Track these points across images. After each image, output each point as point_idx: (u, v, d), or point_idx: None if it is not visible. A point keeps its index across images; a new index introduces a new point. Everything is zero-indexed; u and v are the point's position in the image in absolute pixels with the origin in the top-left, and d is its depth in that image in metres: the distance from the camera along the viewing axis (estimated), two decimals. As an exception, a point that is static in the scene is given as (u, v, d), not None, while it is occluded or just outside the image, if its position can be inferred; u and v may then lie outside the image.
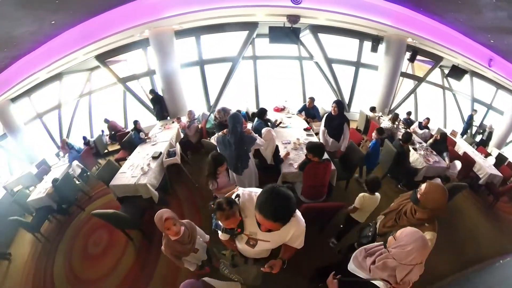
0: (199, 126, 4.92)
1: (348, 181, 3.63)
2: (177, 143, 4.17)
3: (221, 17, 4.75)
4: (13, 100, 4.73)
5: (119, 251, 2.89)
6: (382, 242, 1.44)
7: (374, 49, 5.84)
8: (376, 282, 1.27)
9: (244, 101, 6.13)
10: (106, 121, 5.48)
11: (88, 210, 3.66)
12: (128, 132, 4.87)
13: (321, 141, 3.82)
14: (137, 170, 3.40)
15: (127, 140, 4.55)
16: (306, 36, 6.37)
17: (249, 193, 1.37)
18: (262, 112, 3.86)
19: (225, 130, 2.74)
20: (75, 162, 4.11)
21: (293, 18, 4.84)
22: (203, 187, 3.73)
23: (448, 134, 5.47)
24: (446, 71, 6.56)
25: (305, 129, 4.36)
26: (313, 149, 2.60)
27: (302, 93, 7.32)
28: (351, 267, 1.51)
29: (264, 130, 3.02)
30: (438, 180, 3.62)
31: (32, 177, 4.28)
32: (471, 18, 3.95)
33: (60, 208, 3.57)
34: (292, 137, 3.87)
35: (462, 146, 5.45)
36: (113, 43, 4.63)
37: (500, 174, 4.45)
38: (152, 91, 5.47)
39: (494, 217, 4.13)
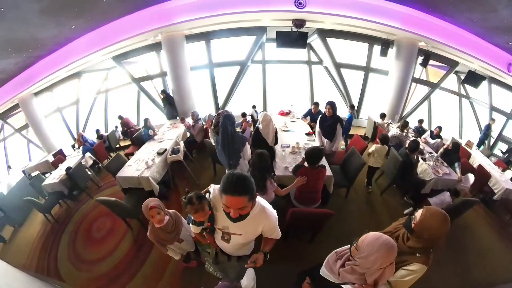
0: (204, 126, 5.09)
1: (348, 189, 3.54)
2: (182, 141, 4.35)
3: (229, 22, 4.96)
4: (36, 94, 5.23)
5: (118, 237, 3.10)
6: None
7: (383, 53, 5.71)
8: (345, 287, 1.26)
9: (252, 108, 6.26)
10: (120, 117, 5.84)
11: (96, 198, 3.94)
12: (139, 129, 5.16)
13: (318, 142, 3.83)
14: (142, 164, 3.61)
15: (137, 136, 4.84)
16: (315, 41, 6.41)
17: (219, 189, 1.41)
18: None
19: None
20: (88, 154, 4.45)
21: (299, 23, 4.91)
22: (203, 185, 3.86)
23: (463, 144, 5.19)
24: (462, 77, 6.14)
25: (307, 134, 4.38)
26: (307, 155, 2.57)
27: (310, 98, 7.32)
28: (323, 271, 1.47)
29: (261, 113, 3.20)
30: (447, 195, 3.45)
31: (48, 164, 4.72)
32: (486, 17, 3.67)
33: (71, 194, 3.90)
34: (292, 141, 3.89)
35: (478, 158, 5.05)
36: (128, 45, 5.02)
37: None
38: (164, 92, 5.78)
39: (510, 237, 3.67)
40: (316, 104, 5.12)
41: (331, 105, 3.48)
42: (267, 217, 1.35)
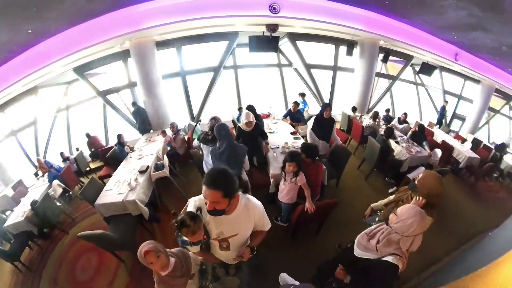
0: (185, 137, 4.85)
1: (338, 179, 3.78)
2: (165, 155, 4.09)
3: (202, 27, 4.83)
4: (-15, 116, 4.43)
5: (109, 275, 2.69)
6: (382, 223, 1.61)
7: (349, 53, 6.16)
8: (386, 258, 1.40)
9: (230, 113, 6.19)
10: (88, 136, 5.25)
11: (73, 233, 3.43)
12: (111, 147, 4.70)
13: (309, 139, 3.95)
14: (124, 186, 3.25)
15: (111, 155, 4.39)
16: (284, 44, 6.60)
17: (200, 198, 1.41)
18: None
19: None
20: (56, 182, 3.87)
21: (272, 27, 5.00)
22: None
23: (426, 126, 5.85)
24: (417, 68, 7.14)
25: (292, 133, 4.45)
26: (307, 150, 2.70)
27: (284, 99, 7.51)
28: (357, 252, 1.60)
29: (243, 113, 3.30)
30: (422, 169, 3.80)
31: (8, 200, 3.94)
32: (436, 18, 4.33)
33: (42, 232, 3.30)
34: (280, 142, 3.92)
35: (440, 135, 5.89)
36: (92, 54, 4.51)
37: (477, 156, 4.88)
38: (134, 104, 5.35)
39: (477, 195, 4.56)
40: (295, 103, 5.25)
41: (331, 107, 3.68)
42: (255, 206, 1.40)
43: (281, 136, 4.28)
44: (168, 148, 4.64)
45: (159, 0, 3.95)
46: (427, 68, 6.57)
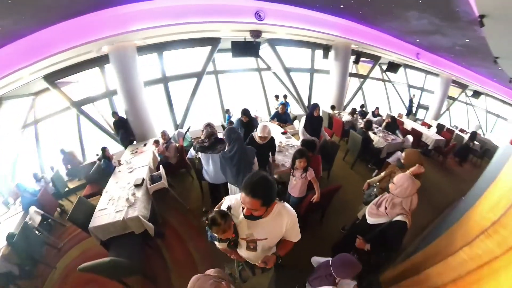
0: (177, 145, 4.68)
1: (329, 171, 4.09)
2: (160, 166, 3.88)
3: (186, 32, 4.72)
4: None
5: None
6: (384, 193, 2.00)
7: (325, 56, 6.64)
8: (396, 218, 1.76)
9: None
10: (63, 152, 4.69)
11: (61, 266, 2.99)
12: (94, 162, 4.30)
13: (301, 137, 4.21)
14: (120, 202, 3.00)
15: (95, 171, 4.02)
16: (263, 49, 6.78)
17: (236, 199, 1.45)
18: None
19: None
20: (32, 209, 3.37)
21: (256, 33, 5.13)
22: (194, 209, 3.57)
23: (396, 116, 6.67)
24: (384, 67, 8.15)
25: (283, 133, 4.62)
26: (308, 144, 3.07)
27: (265, 102, 7.70)
28: (370, 220, 1.95)
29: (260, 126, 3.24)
30: (399, 153, 4.49)
31: None
32: (402, 25, 5.03)
33: (23, 271, 2.81)
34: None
35: (409, 123, 6.75)
36: (66, 60, 4.08)
37: (443, 138, 5.78)
38: (115, 114, 4.95)
39: (446, 171, 5.37)
40: (283, 105, 5.48)
41: (319, 106, 4.04)
42: (289, 213, 1.38)
43: (274, 137, 4.42)
44: (159, 159, 4.42)
45: (147, 2, 3.75)
46: (393, 67, 7.56)
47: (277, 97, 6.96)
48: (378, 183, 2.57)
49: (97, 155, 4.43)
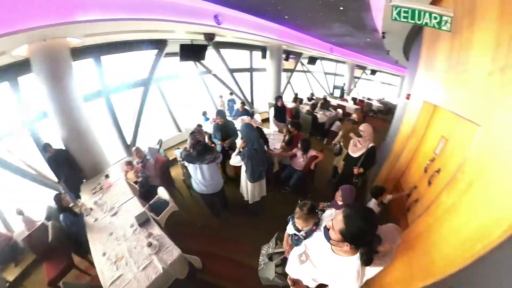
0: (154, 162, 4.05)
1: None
2: (162, 188, 3.34)
3: (134, 31, 4.02)
4: None
5: None
6: (353, 138, 3.16)
7: (263, 56, 7.40)
8: (370, 145, 2.92)
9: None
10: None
11: None
12: (41, 227, 2.99)
13: (273, 127, 5.16)
14: (135, 256, 2.25)
15: (55, 236, 2.70)
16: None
17: (331, 211, 1.56)
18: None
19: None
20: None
21: (210, 36, 5.11)
22: (206, 223, 3.42)
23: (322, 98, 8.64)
24: (305, 60, 10.34)
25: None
26: (295, 125, 4.07)
27: (213, 103, 7.66)
28: (355, 154, 3.04)
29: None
30: (337, 122, 6.14)
31: None
32: (323, 31, 6.55)
33: None
34: None
35: (334, 101, 9.11)
36: None
37: (359, 106, 8.41)
38: (48, 147, 3.59)
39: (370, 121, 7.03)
40: (243, 103, 5.98)
41: (282, 97, 5.28)
42: (356, 277, 1.18)
43: None
44: (140, 181, 3.69)
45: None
46: (312, 60, 9.79)
47: (221, 97, 7.20)
48: (341, 140, 4.00)
49: (46, 217, 3.12)
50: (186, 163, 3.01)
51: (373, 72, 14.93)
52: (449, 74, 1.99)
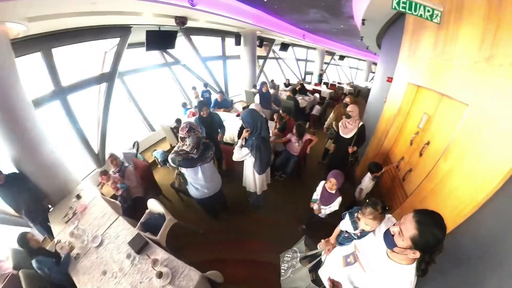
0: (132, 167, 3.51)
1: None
2: (152, 200, 2.93)
3: (93, 13, 3.17)
4: None
5: None
6: (342, 120, 3.33)
7: (238, 43, 6.94)
8: (360, 124, 3.10)
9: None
10: None
11: None
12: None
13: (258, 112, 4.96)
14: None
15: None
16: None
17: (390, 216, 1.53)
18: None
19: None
20: None
21: (182, 20, 4.50)
22: (209, 228, 3.22)
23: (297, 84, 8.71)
24: (278, 47, 10.12)
25: (237, 115, 4.95)
26: (288, 111, 4.44)
27: (186, 96, 7.05)
28: (347, 136, 3.20)
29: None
30: (317, 106, 6.43)
31: None
32: (302, 17, 6.34)
33: None
34: (238, 125, 4.18)
35: (309, 86, 9.32)
36: None
37: (332, 90, 8.99)
38: (-1, 173, 2.78)
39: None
40: (221, 93, 5.72)
41: (266, 83, 5.27)
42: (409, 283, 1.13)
43: (232, 122, 4.58)
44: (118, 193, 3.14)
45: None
46: (284, 46, 9.64)
47: (194, 88, 6.62)
48: (333, 123, 4.07)
49: (14, 266, 2.42)
50: (183, 169, 2.45)
51: (342, 57, 15.58)
52: (435, 61, 2.26)
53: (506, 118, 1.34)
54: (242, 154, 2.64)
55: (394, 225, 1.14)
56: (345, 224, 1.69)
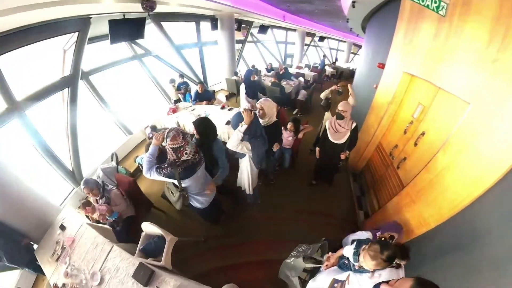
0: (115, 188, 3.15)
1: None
2: (146, 223, 2.66)
3: (39, 5, 2.47)
4: None
5: None
6: (333, 120, 2.92)
7: (214, 27, 6.30)
8: (353, 125, 2.77)
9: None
10: None
11: None
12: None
13: (244, 104, 4.66)
14: None
15: None
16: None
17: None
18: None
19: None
20: None
21: (150, 4, 3.86)
22: (210, 235, 3.12)
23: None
24: (256, 30, 9.51)
25: (222, 108, 4.63)
26: (275, 99, 3.85)
27: (160, 90, 6.43)
28: (340, 142, 2.87)
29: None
30: (303, 91, 6.35)
31: None
32: None
33: None
34: (224, 119, 4.08)
35: (292, 70, 9.23)
36: None
37: (314, 73, 8.94)
38: None
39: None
40: (202, 84, 5.27)
41: (256, 71, 5.07)
42: None
43: (218, 115, 4.30)
44: (112, 219, 2.86)
45: None
46: (263, 28, 9.07)
47: (173, 81, 6.09)
48: (329, 94, 3.77)
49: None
50: (185, 182, 2.13)
51: (322, 38, 15.12)
52: (435, 53, 2.21)
53: (506, 119, 1.39)
54: (234, 143, 2.34)
55: (388, 283, 1.08)
56: (349, 251, 1.59)
